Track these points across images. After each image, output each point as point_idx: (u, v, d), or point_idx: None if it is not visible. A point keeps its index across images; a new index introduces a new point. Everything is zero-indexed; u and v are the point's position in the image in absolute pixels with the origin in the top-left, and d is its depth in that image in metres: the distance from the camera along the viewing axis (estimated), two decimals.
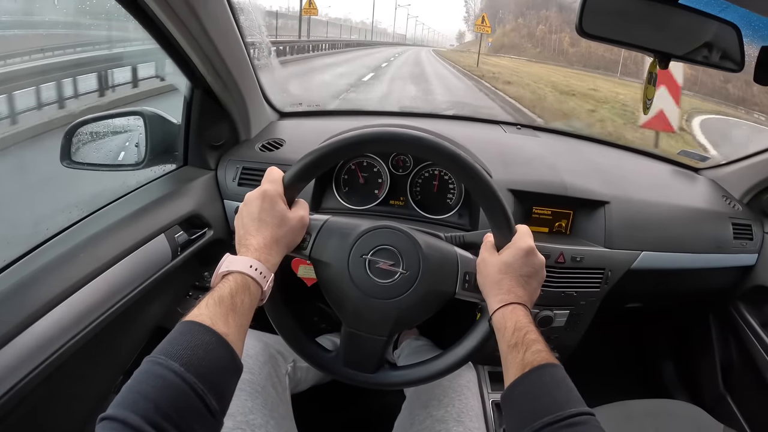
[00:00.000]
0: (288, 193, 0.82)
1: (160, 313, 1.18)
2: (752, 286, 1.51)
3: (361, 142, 0.84)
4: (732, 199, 1.57)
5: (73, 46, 3.01)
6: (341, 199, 1.31)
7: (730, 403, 1.62)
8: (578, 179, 1.35)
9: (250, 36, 1.23)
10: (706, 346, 1.74)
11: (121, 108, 1.26)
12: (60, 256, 0.88)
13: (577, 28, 0.92)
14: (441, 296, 0.87)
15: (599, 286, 1.28)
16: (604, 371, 1.92)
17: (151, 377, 0.55)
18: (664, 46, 1.00)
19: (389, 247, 0.86)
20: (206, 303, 0.65)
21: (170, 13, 0.93)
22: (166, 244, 1.07)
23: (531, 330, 0.73)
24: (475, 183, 0.83)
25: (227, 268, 0.71)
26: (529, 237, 0.83)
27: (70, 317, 0.83)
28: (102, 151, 1.23)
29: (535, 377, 0.67)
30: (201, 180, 1.25)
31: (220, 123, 1.30)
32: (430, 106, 11.77)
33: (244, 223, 0.79)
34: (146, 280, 1.02)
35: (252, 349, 1.05)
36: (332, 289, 0.88)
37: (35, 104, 2.57)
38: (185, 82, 1.21)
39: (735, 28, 1.00)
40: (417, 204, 1.32)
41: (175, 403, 0.53)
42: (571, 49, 49.04)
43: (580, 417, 0.60)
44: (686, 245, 1.38)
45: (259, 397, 0.96)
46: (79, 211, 1.05)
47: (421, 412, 1.03)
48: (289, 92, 7.01)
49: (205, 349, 0.59)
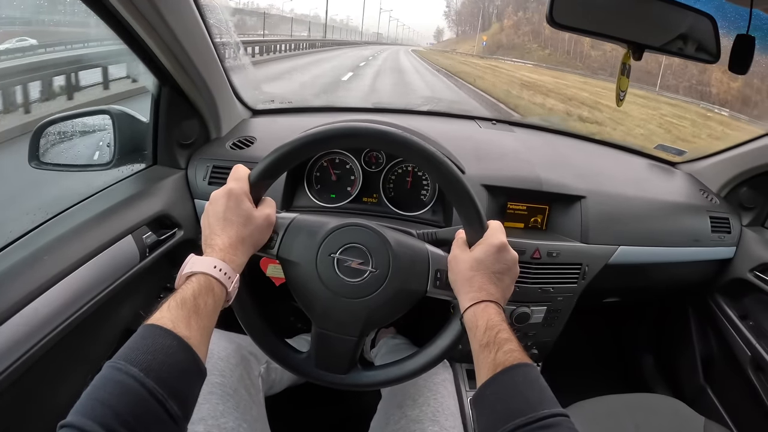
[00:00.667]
0: (254, 191, 0.81)
1: (129, 316, 1.16)
2: (730, 279, 1.52)
3: (328, 137, 0.83)
4: (709, 193, 1.57)
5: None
6: (313, 197, 1.30)
7: (710, 395, 1.63)
8: (554, 174, 1.34)
9: (218, 34, 1.21)
10: (686, 340, 1.75)
11: (88, 107, 1.23)
12: (23, 259, 0.85)
13: (548, 17, 0.91)
14: (412, 295, 0.86)
15: (576, 282, 1.28)
16: (583, 367, 1.93)
17: (110, 383, 0.54)
18: (638, 37, 1.00)
19: (358, 245, 0.84)
20: (168, 305, 0.63)
21: (133, 10, 0.91)
22: (134, 246, 1.05)
23: (503, 329, 0.72)
24: (444, 178, 0.82)
25: (190, 269, 0.69)
26: (502, 233, 0.82)
27: (35, 321, 0.81)
28: (70, 152, 1.20)
29: (507, 378, 0.66)
30: (171, 179, 1.23)
31: (190, 121, 1.28)
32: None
33: (210, 223, 0.77)
34: (114, 283, 0.99)
35: (223, 351, 1.03)
36: (301, 289, 0.86)
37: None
38: (152, 80, 1.18)
39: (711, 19, 1.00)
40: (390, 201, 1.31)
41: (133, 409, 0.52)
42: (593, 53, 40.80)
43: (553, 419, 0.59)
44: (664, 239, 1.39)
45: (230, 400, 0.94)
46: (42, 213, 1.02)
47: (396, 412, 1.01)
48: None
49: (165, 353, 0.58)
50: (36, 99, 2.80)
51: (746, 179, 1.54)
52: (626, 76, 1.06)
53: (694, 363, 1.71)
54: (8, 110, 2.51)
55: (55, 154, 1.16)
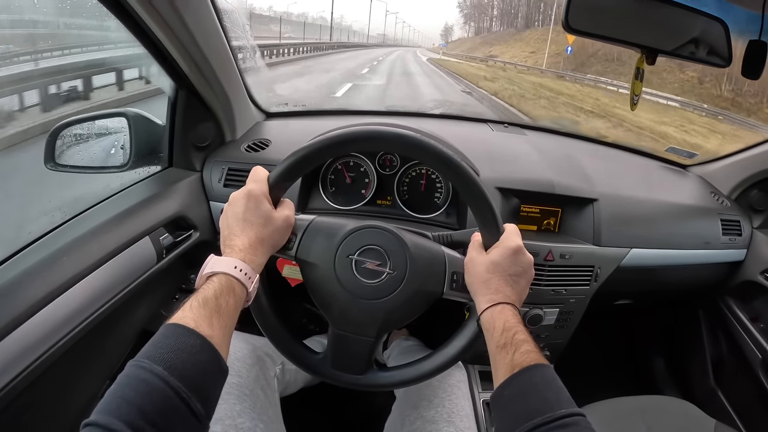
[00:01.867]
0: (273, 192, 0.81)
1: (146, 317, 1.17)
2: (741, 281, 1.52)
3: (346, 140, 0.83)
4: (720, 195, 1.57)
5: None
6: (328, 199, 1.30)
7: (721, 398, 1.63)
8: (566, 177, 1.35)
9: (234, 37, 1.22)
10: (696, 342, 1.75)
11: (104, 109, 1.25)
12: (42, 260, 0.86)
13: (563, 23, 0.92)
14: (429, 296, 0.86)
15: (589, 284, 1.28)
16: (594, 369, 1.93)
17: (135, 381, 0.54)
18: (651, 41, 1.01)
19: (376, 247, 0.85)
20: (190, 305, 0.64)
21: (153, 13, 0.92)
22: (151, 247, 1.06)
23: (520, 330, 0.72)
24: (461, 181, 0.82)
25: (211, 269, 0.70)
26: (517, 236, 0.83)
27: (54, 322, 0.82)
28: (86, 153, 1.21)
29: (525, 378, 0.67)
30: (186, 181, 1.24)
31: (205, 123, 1.29)
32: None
33: (229, 224, 0.78)
34: (131, 284, 1.00)
35: (240, 352, 1.04)
36: (319, 290, 0.87)
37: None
38: (169, 83, 1.19)
39: (722, 24, 1.01)
40: (404, 203, 1.32)
41: (159, 408, 0.52)
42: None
43: (571, 418, 0.60)
44: (675, 242, 1.39)
45: (247, 400, 0.95)
46: (62, 214, 1.03)
47: (412, 413, 1.02)
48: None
49: (188, 351, 0.58)
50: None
51: (757, 182, 1.54)
52: (640, 80, 1.07)
53: (705, 365, 1.70)
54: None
55: (71, 156, 1.17)
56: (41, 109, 2.56)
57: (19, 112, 2.41)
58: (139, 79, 3.52)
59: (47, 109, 2.61)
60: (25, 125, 2.30)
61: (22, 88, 2.46)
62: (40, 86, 2.63)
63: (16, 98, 2.41)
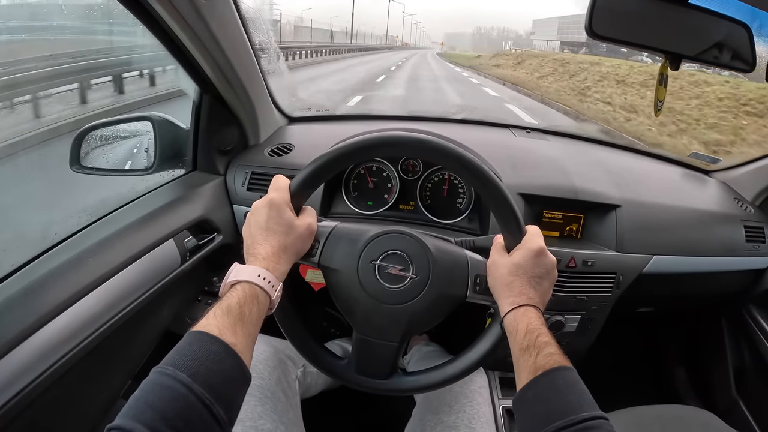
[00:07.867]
0: (295, 200, 0.82)
1: (169, 318, 1.19)
2: (765, 290, 1.49)
3: (367, 146, 0.83)
4: (744, 202, 1.55)
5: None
6: (350, 204, 1.31)
7: (743, 409, 1.60)
8: (589, 183, 1.34)
9: (258, 41, 1.24)
10: (719, 351, 1.72)
11: (129, 113, 1.27)
12: (68, 261, 0.88)
13: (587, 28, 0.92)
14: (452, 300, 0.86)
15: (611, 291, 1.27)
16: (614, 376, 1.90)
17: (159, 388, 0.55)
18: (674, 46, 1.00)
19: (399, 251, 0.85)
20: (214, 313, 0.65)
21: (179, 20, 0.94)
22: (175, 249, 1.08)
23: (543, 332, 0.72)
24: (483, 184, 0.82)
25: (235, 277, 0.71)
26: (540, 237, 0.82)
27: (78, 322, 0.83)
28: (111, 156, 1.23)
29: (548, 380, 0.67)
30: (210, 185, 1.26)
31: (229, 128, 1.30)
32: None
33: (252, 233, 0.79)
34: (155, 285, 1.02)
35: (262, 354, 1.05)
36: (342, 296, 0.87)
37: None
38: (194, 87, 1.21)
39: (746, 28, 0.99)
40: (427, 208, 1.32)
41: (182, 414, 0.53)
42: None
43: (594, 421, 0.59)
44: (698, 248, 1.37)
45: (268, 402, 0.96)
46: (87, 215, 1.05)
47: (432, 418, 1.02)
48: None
49: (212, 359, 0.59)
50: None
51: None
52: (664, 86, 1.06)
53: (727, 375, 1.68)
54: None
55: (96, 159, 1.19)
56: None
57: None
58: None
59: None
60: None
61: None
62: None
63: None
